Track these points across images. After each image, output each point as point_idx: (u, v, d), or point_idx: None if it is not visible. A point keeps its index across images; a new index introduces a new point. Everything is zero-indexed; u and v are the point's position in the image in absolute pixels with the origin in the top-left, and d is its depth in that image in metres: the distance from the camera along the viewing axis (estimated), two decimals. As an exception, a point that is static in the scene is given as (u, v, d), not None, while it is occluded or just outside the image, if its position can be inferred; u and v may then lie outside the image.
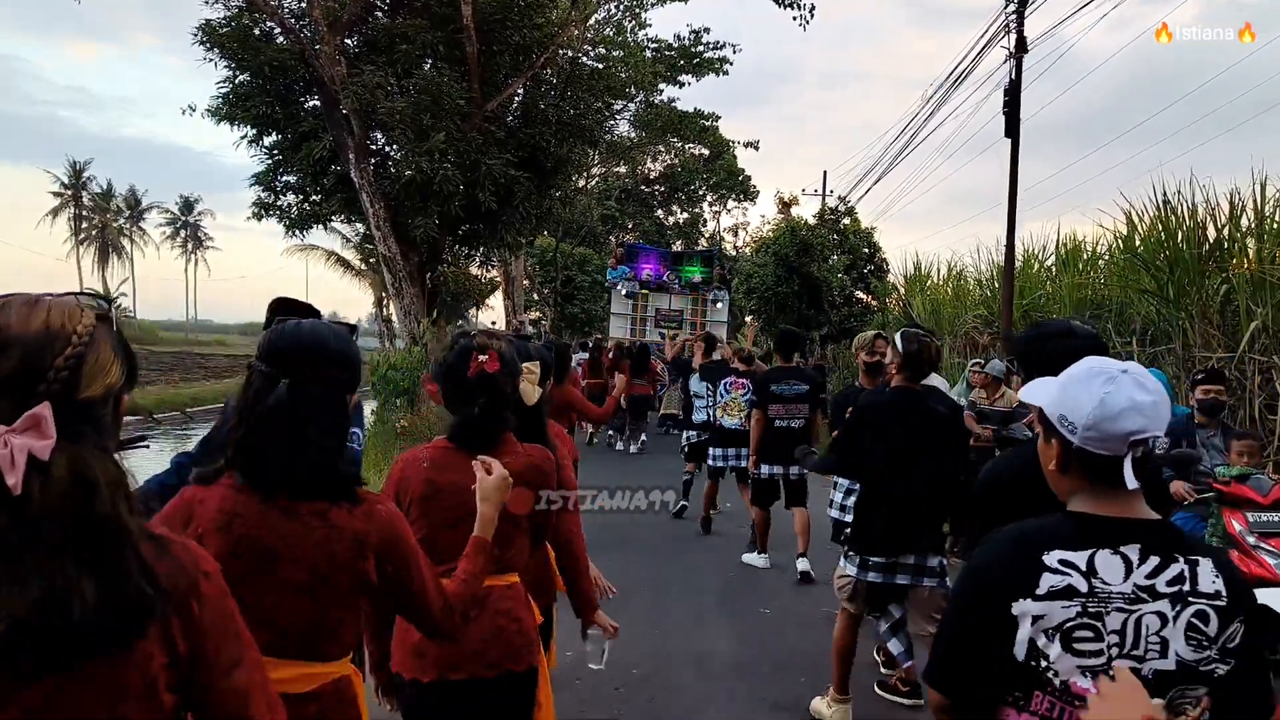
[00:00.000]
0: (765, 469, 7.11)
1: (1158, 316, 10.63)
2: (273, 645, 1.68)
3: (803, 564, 6.94)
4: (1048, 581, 1.54)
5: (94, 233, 72.28)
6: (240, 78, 13.65)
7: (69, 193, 69.45)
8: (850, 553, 4.24)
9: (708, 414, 9.41)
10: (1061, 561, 1.55)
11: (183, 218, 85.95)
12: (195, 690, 1.26)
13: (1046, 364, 2.37)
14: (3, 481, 1.09)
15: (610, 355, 15.47)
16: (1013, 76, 10.47)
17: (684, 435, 10.04)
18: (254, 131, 14.09)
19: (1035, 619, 1.53)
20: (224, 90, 13.86)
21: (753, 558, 7.38)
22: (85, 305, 1.22)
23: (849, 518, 4.84)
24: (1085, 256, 14.71)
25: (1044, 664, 1.53)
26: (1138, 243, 13.15)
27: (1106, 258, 14.62)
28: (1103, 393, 1.60)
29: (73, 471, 1.14)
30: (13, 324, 1.16)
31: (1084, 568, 1.54)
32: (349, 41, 13.73)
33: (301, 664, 1.80)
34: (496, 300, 27.60)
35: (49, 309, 1.18)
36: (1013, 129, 10.51)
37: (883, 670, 4.93)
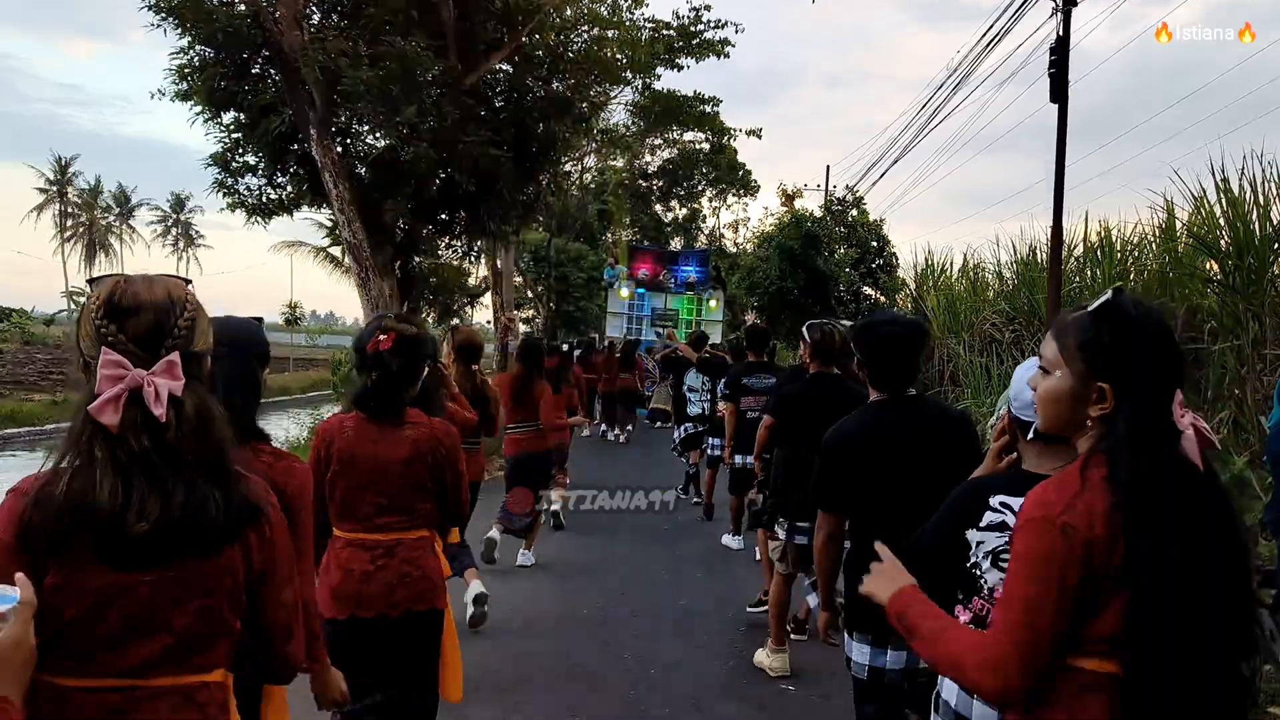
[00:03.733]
0: (738, 458, 7.39)
1: (1220, 308, 9.40)
2: None
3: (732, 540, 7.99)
4: (988, 517, 2.13)
5: (80, 230, 70.97)
6: (194, 48, 12.38)
7: (54, 189, 68.11)
8: (781, 520, 4.76)
9: (702, 408, 10.03)
10: (1000, 503, 2.13)
11: (173, 215, 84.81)
12: (258, 598, 1.62)
13: (874, 348, 3.00)
14: (148, 412, 1.46)
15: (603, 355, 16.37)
16: (1060, 32, 9.21)
17: (678, 429, 10.63)
18: (212, 108, 12.80)
19: (979, 543, 2.13)
20: (178, 63, 12.59)
21: (729, 539, 8.03)
22: (186, 280, 1.65)
23: None
24: (1119, 246, 13.53)
25: (980, 575, 2.13)
26: (1178, 230, 11.98)
27: (1136, 251, 13.46)
28: (1022, 375, 2.15)
29: (198, 406, 1.52)
30: (141, 292, 1.52)
31: (1016, 508, 1.91)
32: (310, 7, 12.47)
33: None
34: (490, 297, 26.46)
35: (166, 283, 1.58)
36: (1060, 93, 9.24)
37: (800, 619, 5.44)
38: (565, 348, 14.47)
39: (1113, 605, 1.51)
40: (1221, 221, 9.57)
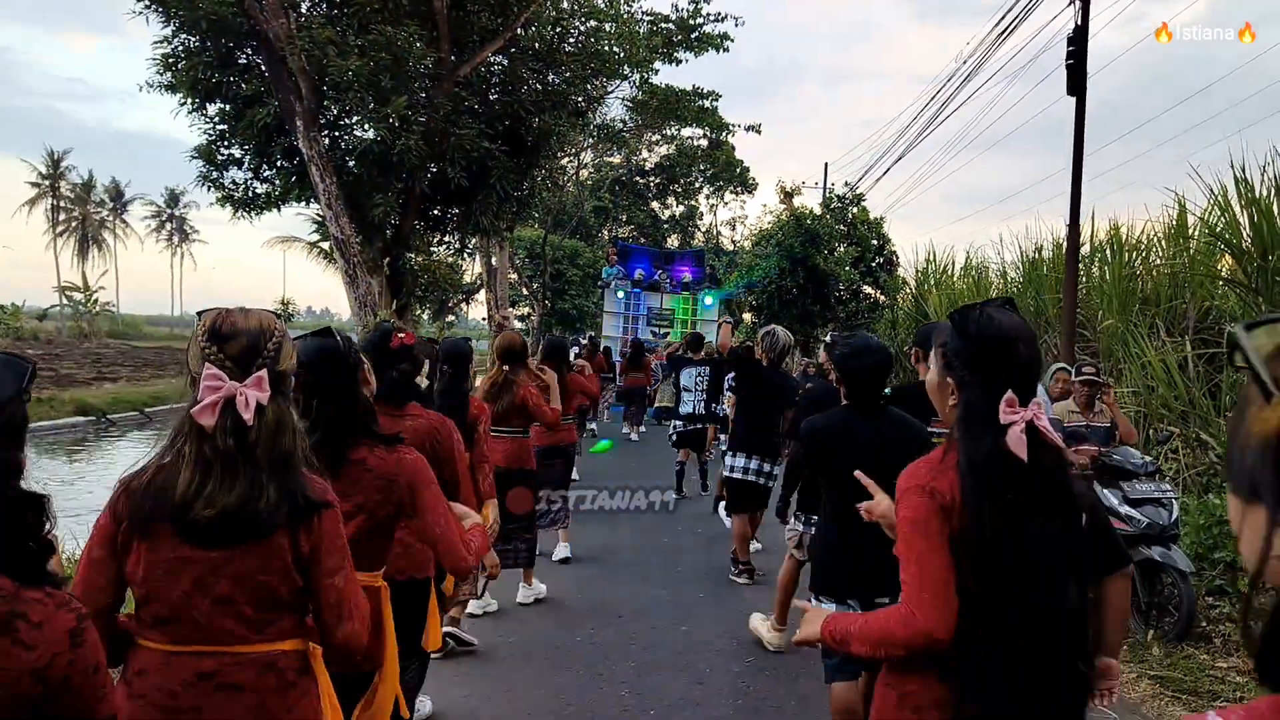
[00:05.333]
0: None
1: (1241, 309, 9.05)
2: None
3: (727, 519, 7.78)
4: None
5: (73, 224, 70.33)
6: (178, 36, 12.00)
7: (46, 183, 67.46)
8: (798, 513, 5.09)
9: (693, 406, 10.35)
10: None
11: (168, 210, 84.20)
12: (309, 581, 1.88)
13: (852, 374, 3.61)
14: (238, 416, 1.80)
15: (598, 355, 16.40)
16: (1078, 22, 8.80)
17: (672, 425, 10.84)
18: (196, 99, 12.40)
19: None
20: (161, 52, 12.20)
21: (723, 517, 7.84)
22: (276, 313, 2.03)
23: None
24: (1130, 245, 13.18)
25: None
26: (1190, 228, 11.64)
27: (1146, 251, 13.12)
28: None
29: (276, 416, 1.86)
30: (238, 322, 1.89)
31: None
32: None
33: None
34: (484, 294, 26.06)
35: (259, 315, 1.95)
36: (1077, 85, 8.84)
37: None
38: (576, 349, 14.30)
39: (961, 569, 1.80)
40: (1242, 219, 9.22)
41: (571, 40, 13.96)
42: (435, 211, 13.88)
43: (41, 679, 1.35)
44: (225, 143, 12.75)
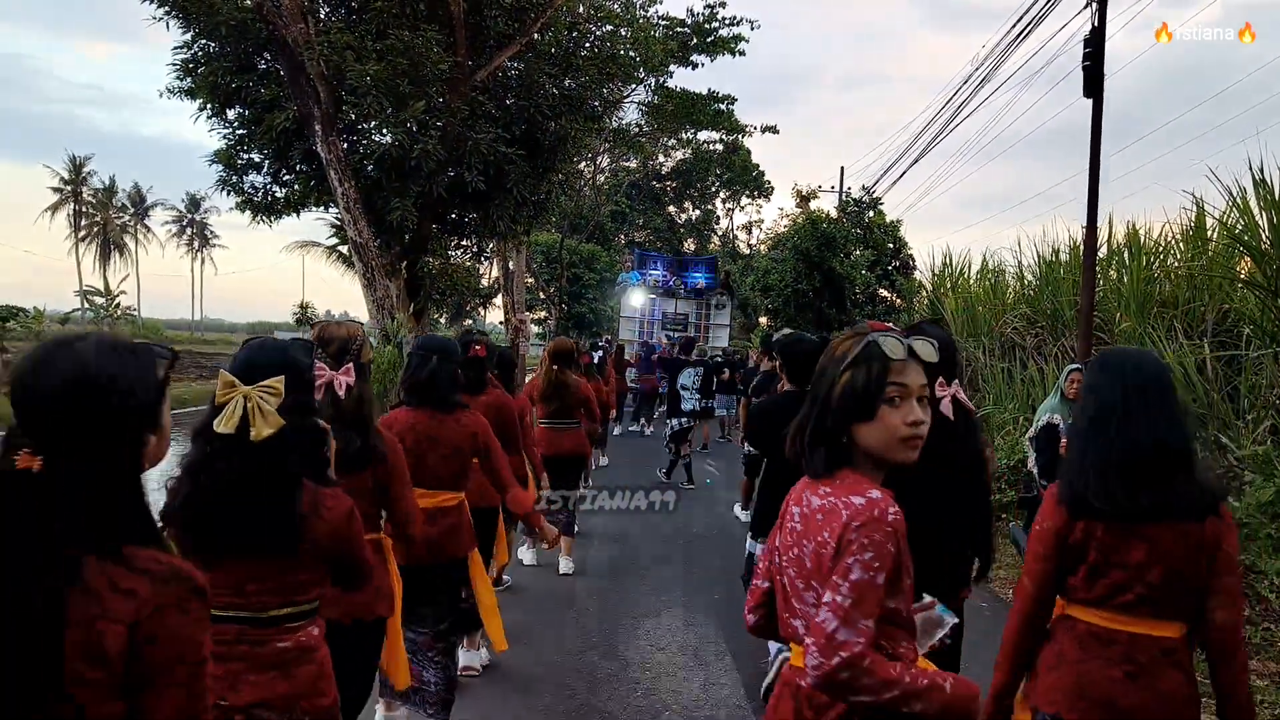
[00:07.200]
0: (749, 447, 7.90)
1: (1260, 311, 8.97)
2: (438, 481, 3.82)
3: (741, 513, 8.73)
4: None
5: (94, 230, 71.02)
6: (198, 42, 12.12)
7: (68, 188, 68.17)
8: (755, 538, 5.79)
9: (693, 404, 11.55)
10: None
11: (189, 215, 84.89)
12: (388, 501, 3.05)
13: (794, 359, 4.34)
14: (335, 394, 2.88)
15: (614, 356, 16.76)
16: (1095, 23, 8.77)
17: (670, 423, 11.56)
18: (215, 104, 12.52)
19: None
20: (181, 58, 12.33)
21: (739, 510, 8.90)
22: (359, 323, 3.18)
23: None
24: (1148, 248, 13.07)
25: None
26: (1208, 231, 11.55)
27: (1163, 254, 13.01)
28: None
29: (360, 393, 2.95)
30: (334, 331, 3.04)
31: None
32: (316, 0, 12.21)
33: (449, 493, 3.89)
34: (502, 298, 26.15)
35: (348, 326, 3.09)
36: (1094, 86, 8.80)
37: None
38: (600, 351, 14.82)
39: None
40: (1262, 221, 9.15)
41: (587, 45, 14.02)
42: (453, 215, 13.95)
43: (333, 537, 2.22)
44: (244, 147, 12.87)
